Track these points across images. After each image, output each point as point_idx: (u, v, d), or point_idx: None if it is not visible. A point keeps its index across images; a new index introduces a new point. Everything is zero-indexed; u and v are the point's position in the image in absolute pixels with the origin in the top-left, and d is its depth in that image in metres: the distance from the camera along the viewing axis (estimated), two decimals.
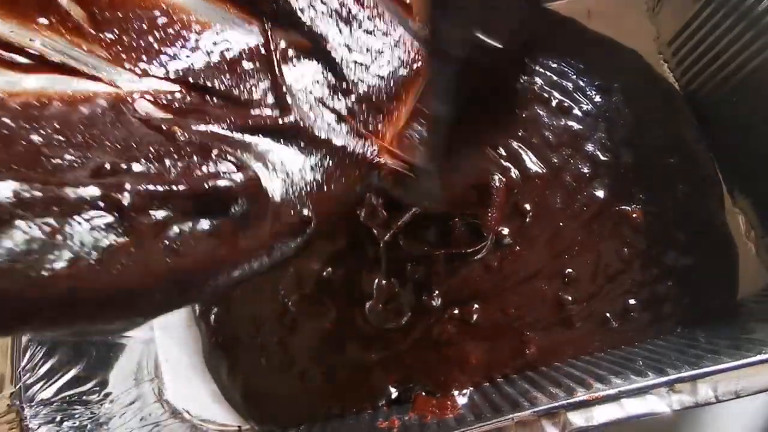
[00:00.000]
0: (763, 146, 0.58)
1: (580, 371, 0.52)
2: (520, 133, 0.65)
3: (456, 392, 0.56)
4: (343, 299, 0.61)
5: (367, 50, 0.35)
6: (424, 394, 0.56)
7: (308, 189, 0.31)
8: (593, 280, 0.60)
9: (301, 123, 0.32)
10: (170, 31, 0.30)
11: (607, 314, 0.59)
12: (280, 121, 0.31)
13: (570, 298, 0.59)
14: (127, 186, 0.24)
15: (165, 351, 0.65)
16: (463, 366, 0.58)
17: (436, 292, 0.59)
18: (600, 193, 0.62)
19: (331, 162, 0.33)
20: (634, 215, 0.61)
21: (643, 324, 0.59)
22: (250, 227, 0.28)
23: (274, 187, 0.30)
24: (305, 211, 0.31)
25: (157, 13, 0.30)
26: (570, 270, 0.60)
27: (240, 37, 0.32)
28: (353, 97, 0.34)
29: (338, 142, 0.33)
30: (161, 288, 0.26)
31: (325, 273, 0.62)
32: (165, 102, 0.29)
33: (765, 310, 0.57)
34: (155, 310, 0.27)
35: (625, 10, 0.70)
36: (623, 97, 0.67)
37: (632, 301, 0.59)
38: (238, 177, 0.28)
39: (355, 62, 0.34)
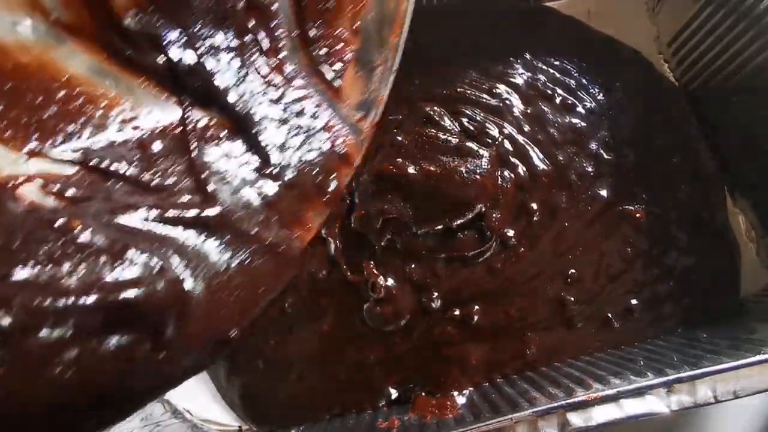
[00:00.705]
0: (763, 146, 0.58)
1: (579, 371, 0.52)
2: (526, 129, 0.64)
3: (456, 392, 0.56)
4: (340, 301, 0.61)
5: (295, 133, 0.31)
6: (423, 394, 0.56)
7: (237, 293, 0.27)
8: (596, 280, 0.60)
9: (228, 215, 0.27)
10: (70, 106, 0.25)
11: (609, 314, 0.59)
12: (204, 213, 0.27)
13: (572, 298, 0.59)
14: (13, 299, 0.19)
15: None
16: (463, 366, 0.57)
17: (436, 294, 0.59)
18: (603, 193, 0.62)
19: (261, 260, 0.28)
20: (637, 215, 0.61)
21: (644, 324, 0.58)
22: (170, 342, 0.23)
23: (198, 291, 0.25)
24: (233, 331, 0.27)
25: (54, 84, 0.25)
26: (573, 270, 0.60)
27: (154, 115, 0.28)
28: (280, 183, 0.30)
29: (268, 236, 0.28)
30: (43, 424, 0.20)
31: (320, 275, 0.62)
32: (57, 188, 0.24)
33: (765, 310, 0.57)
34: None
35: (625, 10, 0.70)
36: (625, 95, 0.66)
37: (634, 301, 0.59)
38: (160, 283, 0.23)
39: (283, 145, 0.30)
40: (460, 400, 0.55)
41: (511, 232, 0.61)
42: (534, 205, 0.61)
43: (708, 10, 0.61)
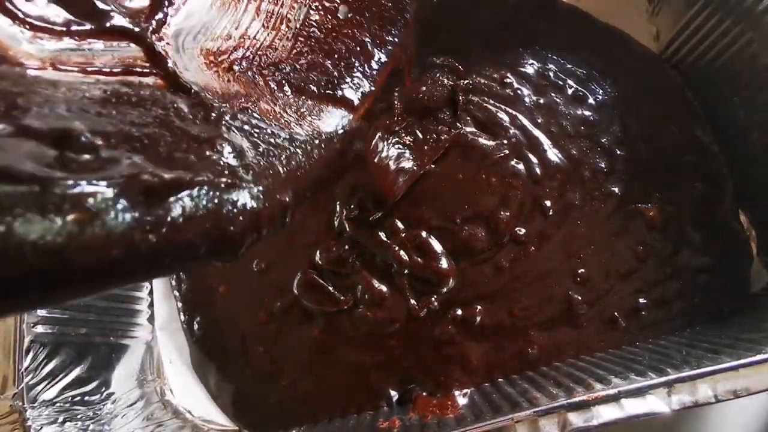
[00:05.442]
0: (762, 147, 0.58)
1: (580, 371, 0.52)
2: (539, 120, 0.63)
3: (457, 392, 0.56)
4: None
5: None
6: (424, 394, 0.56)
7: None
8: (605, 279, 0.58)
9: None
10: None
11: (616, 314, 0.57)
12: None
13: (580, 297, 0.58)
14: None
15: (167, 352, 0.65)
16: (464, 366, 0.57)
17: (434, 296, 0.59)
18: (616, 190, 0.61)
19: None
20: (650, 213, 0.60)
21: (651, 323, 0.57)
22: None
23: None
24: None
25: None
26: (582, 270, 0.59)
27: None
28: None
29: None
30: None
31: (308, 279, 0.61)
32: None
33: (766, 308, 0.57)
34: None
35: (625, 9, 0.70)
36: (636, 90, 0.65)
37: (642, 300, 0.58)
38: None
39: None
40: (461, 399, 0.55)
41: (522, 231, 0.60)
42: (548, 203, 0.60)
43: (707, 11, 0.61)
